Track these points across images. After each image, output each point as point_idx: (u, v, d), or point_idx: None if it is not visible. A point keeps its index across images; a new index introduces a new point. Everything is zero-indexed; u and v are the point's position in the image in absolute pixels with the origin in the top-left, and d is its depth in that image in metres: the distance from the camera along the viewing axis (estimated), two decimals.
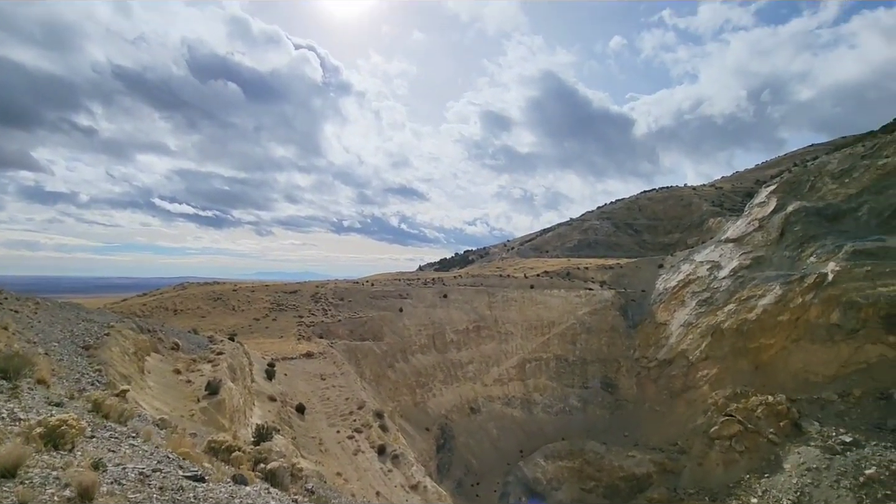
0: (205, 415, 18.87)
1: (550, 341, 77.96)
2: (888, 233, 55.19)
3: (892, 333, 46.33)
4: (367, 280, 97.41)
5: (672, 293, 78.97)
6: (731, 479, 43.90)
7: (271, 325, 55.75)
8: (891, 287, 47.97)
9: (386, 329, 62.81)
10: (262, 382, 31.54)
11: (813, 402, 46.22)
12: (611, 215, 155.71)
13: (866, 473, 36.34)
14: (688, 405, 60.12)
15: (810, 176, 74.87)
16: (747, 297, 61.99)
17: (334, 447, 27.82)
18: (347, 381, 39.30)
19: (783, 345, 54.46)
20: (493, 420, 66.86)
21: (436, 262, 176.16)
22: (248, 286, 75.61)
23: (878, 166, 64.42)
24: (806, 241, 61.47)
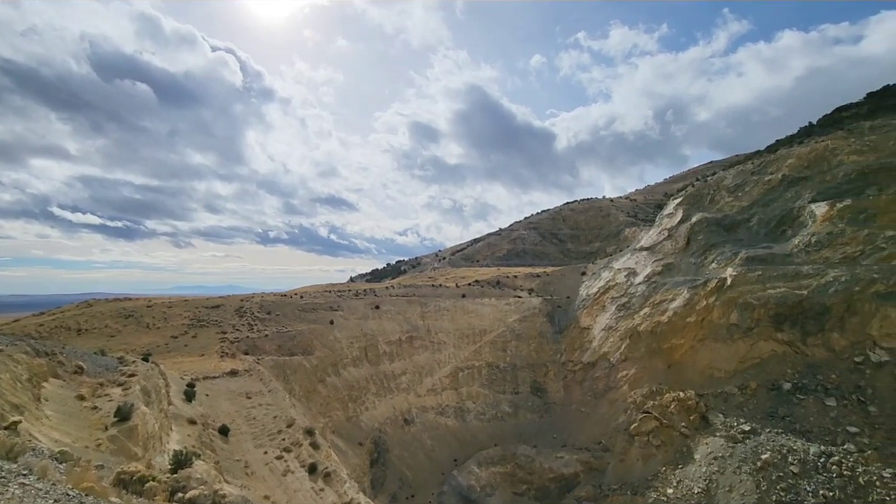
0: (114, 443, 17.26)
1: (482, 349, 79.37)
2: (774, 241, 62.09)
3: (780, 330, 51.97)
4: (295, 292, 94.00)
5: (594, 299, 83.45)
6: (649, 472, 46.83)
7: (191, 342, 52.08)
8: (778, 289, 53.88)
9: (316, 342, 60.88)
10: (180, 405, 29.35)
11: (717, 395, 50.61)
12: (537, 225, 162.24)
13: (763, 458, 40.30)
14: (610, 405, 63.51)
15: (710, 190, 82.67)
16: (660, 301, 66.91)
17: (262, 469, 26.44)
18: (275, 398, 37.56)
19: (691, 344, 59.24)
20: (427, 430, 66.68)
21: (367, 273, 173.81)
22: (164, 301, 70.24)
23: (765, 181, 72.50)
24: (708, 248, 67.61)
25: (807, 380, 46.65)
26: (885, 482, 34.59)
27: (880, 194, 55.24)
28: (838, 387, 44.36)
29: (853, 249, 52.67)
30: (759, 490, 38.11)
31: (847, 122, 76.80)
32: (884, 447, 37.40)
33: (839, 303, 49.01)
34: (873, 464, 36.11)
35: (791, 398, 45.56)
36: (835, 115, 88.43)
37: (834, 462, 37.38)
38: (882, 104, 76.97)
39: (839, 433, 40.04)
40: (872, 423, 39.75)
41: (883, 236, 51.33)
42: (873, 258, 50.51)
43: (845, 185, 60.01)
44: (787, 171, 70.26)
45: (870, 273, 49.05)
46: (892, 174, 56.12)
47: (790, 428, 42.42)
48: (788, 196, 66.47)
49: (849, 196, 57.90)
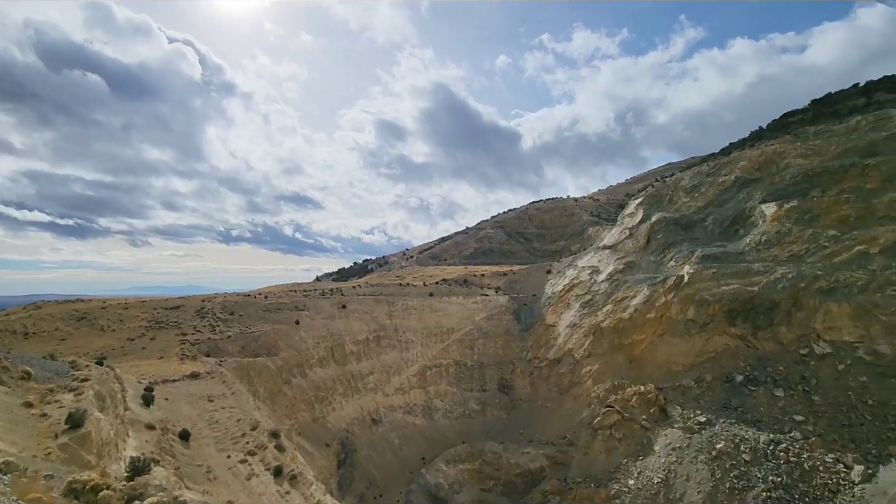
0: (65, 452, 16.47)
1: (450, 347, 79.72)
2: (727, 239, 64.97)
3: (733, 325, 54.45)
4: (259, 292, 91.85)
5: (559, 297, 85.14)
6: (612, 464, 48.25)
7: (149, 344, 50.09)
8: (731, 286, 56.41)
9: (281, 343, 59.69)
10: (137, 410, 28.22)
11: (675, 388, 52.60)
12: (504, 224, 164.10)
13: (717, 448, 42.19)
14: (574, 400, 65.00)
15: (668, 190, 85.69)
16: (622, 299, 68.91)
17: (225, 474, 25.76)
18: (239, 401, 36.64)
19: (651, 339, 61.30)
20: (394, 430, 66.49)
21: (334, 273, 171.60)
22: (120, 302, 67.27)
23: (719, 183, 75.74)
24: (667, 247, 70.08)
25: (757, 372, 49.08)
26: (827, 467, 36.83)
27: (823, 196, 58.62)
28: (786, 378, 46.88)
29: (799, 248, 55.70)
30: (714, 478, 39.89)
31: (793, 126, 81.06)
32: (826, 434, 39.80)
33: (786, 298, 51.75)
34: (817, 450, 38.38)
35: (743, 390, 47.83)
36: (782, 120, 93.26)
37: (781, 449, 39.50)
38: (824, 111, 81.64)
39: (786, 422, 42.33)
40: (816, 412, 42.22)
41: (825, 235, 54.51)
42: (817, 256, 53.57)
43: (792, 187, 63.37)
44: (740, 172, 73.61)
45: (814, 270, 52.01)
46: (833, 177, 59.64)
47: (742, 418, 44.55)
48: (741, 197, 69.67)
49: (795, 197, 61.19)
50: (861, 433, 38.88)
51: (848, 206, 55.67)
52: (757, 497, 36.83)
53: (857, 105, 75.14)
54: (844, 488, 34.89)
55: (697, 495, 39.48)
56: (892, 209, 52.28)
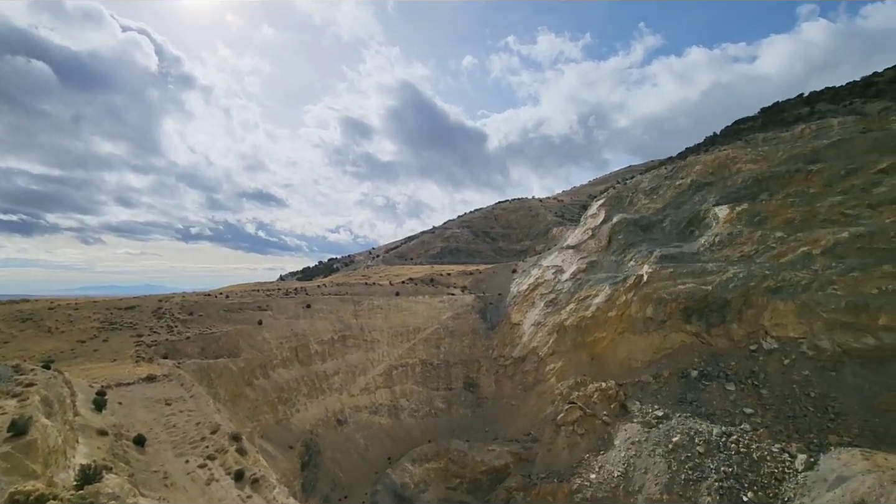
0: (7, 461, 15.56)
1: (416, 346, 79.63)
2: (684, 240, 67.65)
3: (689, 323, 56.73)
4: (220, 292, 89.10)
5: (524, 296, 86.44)
6: (574, 459, 49.38)
7: (102, 347, 47.70)
8: (687, 285, 58.75)
9: (243, 344, 58.10)
10: (89, 415, 26.90)
11: (635, 384, 54.33)
12: (470, 224, 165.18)
13: (673, 441, 43.87)
14: (539, 397, 66.17)
15: (629, 192, 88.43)
16: (584, 297, 70.62)
17: (183, 479, 24.89)
18: (198, 403, 35.44)
19: (612, 337, 63.09)
20: (360, 430, 65.88)
21: (298, 272, 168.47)
22: (70, 303, 63.79)
23: (676, 185, 78.73)
24: (627, 247, 72.31)
25: (711, 367, 51.32)
26: (773, 456, 38.91)
27: (771, 199, 61.90)
28: (737, 373, 49.23)
29: (749, 249, 58.60)
30: (671, 470, 41.46)
31: (745, 133, 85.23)
32: (773, 425, 42.04)
33: (737, 297, 54.32)
34: (764, 440, 40.49)
35: (698, 384, 49.91)
36: (735, 126, 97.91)
37: (732, 441, 41.47)
38: (773, 118, 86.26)
39: (737, 414, 44.47)
40: (764, 405, 44.54)
41: (773, 237, 57.56)
42: (765, 256, 56.50)
43: (743, 191, 66.60)
44: (695, 176, 76.76)
45: (762, 270, 54.81)
46: (781, 181, 63.08)
47: (697, 412, 46.51)
48: (696, 199, 72.67)
49: (746, 200, 64.34)
50: (804, 424, 41.30)
51: (793, 209, 58.98)
52: (710, 487, 38.52)
53: (801, 114, 79.72)
54: (789, 476, 36.96)
55: (655, 487, 40.93)
56: (833, 213, 55.72)
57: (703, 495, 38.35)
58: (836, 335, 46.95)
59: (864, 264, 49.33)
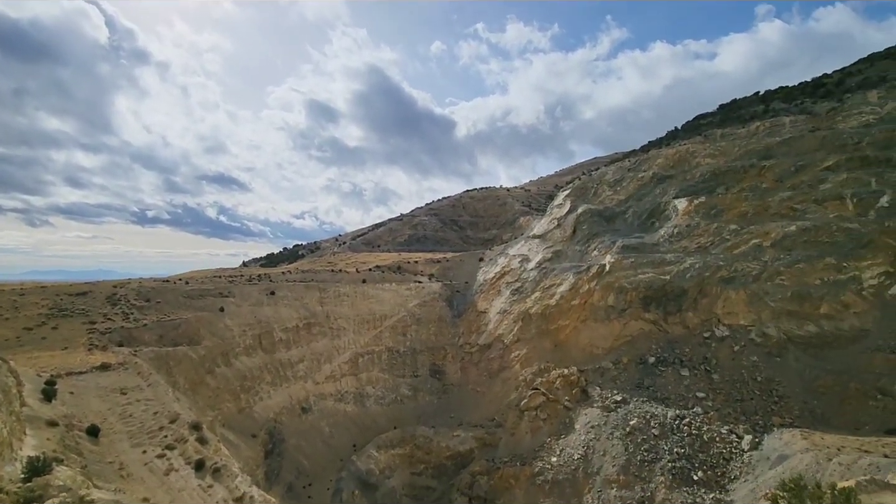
0: None
1: (382, 334, 79.54)
2: (645, 231, 69.90)
3: (648, 311, 58.92)
4: (180, 278, 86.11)
5: (490, 284, 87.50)
6: (537, 443, 50.83)
7: (50, 334, 45.38)
8: (647, 274, 60.89)
9: (204, 331, 56.51)
10: (37, 405, 25.72)
11: (596, 370, 56.20)
12: (438, 212, 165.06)
13: (630, 424, 45.75)
14: (503, 383, 67.49)
15: (594, 183, 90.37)
16: (549, 286, 72.15)
17: (140, 470, 24.23)
18: (156, 392, 34.40)
19: (575, 325, 64.86)
20: (325, 418, 65.53)
21: (262, 258, 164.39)
22: (14, 288, 60.27)
23: (639, 178, 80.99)
24: (591, 237, 74.14)
25: (667, 353, 53.61)
26: (722, 437, 41.21)
27: (727, 193, 64.63)
28: (691, 359, 51.64)
29: (705, 240, 61.15)
30: (628, 452, 43.31)
31: (704, 128, 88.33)
32: (722, 408, 44.45)
33: (693, 286, 56.75)
34: (714, 423, 42.79)
35: (655, 370, 52.10)
36: (695, 121, 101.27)
37: (685, 423, 43.63)
38: (731, 115, 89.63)
39: (690, 398, 46.75)
40: (715, 389, 46.97)
41: (728, 229, 60.24)
42: (720, 248, 59.12)
43: (701, 184, 69.24)
44: (657, 169, 79.17)
45: (717, 261, 57.38)
46: (737, 175, 65.89)
47: (653, 396, 48.61)
48: (657, 192, 75.05)
49: (703, 193, 66.95)
50: (751, 406, 43.85)
51: (747, 203, 61.82)
52: (663, 468, 40.50)
53: (756, 111, 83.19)
54: (736, 456, 39.29)
55: (612, 469, 42.69)
56: (782, 207, 58.75)
57: (656, 475, 40.30)
58: (781, 323, 49.85)
59: (808, 256, 52.39)
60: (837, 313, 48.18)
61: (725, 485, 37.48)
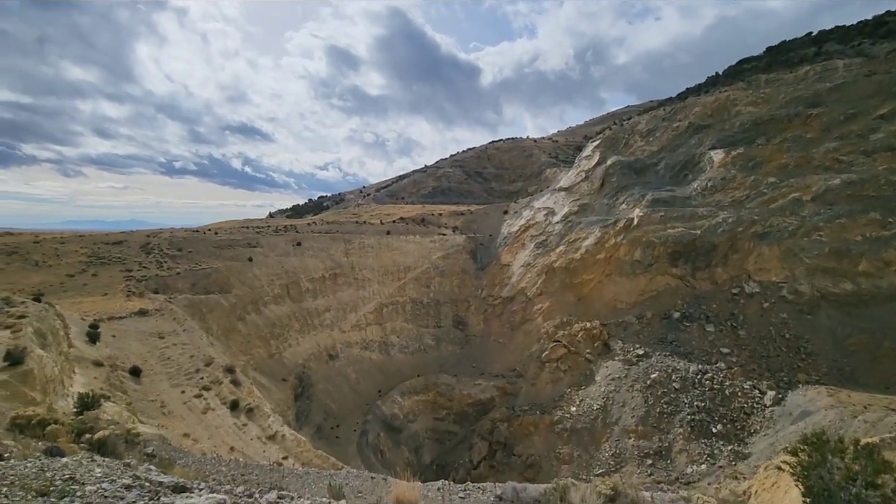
0: (6, 389, 15.91)
1: (406, 285, 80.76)
2: (677, 184, 67.37)
3: (675, 266, 57.75)
4: (209, 228, 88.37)
5: (515, 237, 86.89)
6: (557, 394, 51.83)
7: (91, 281, 47.71)
8: (677, 228, 59.22)
9: (234, 280, 58.44)
10: (83, 347, 27.35)
11: (619, 324, 56.11)
12: (462, 163, 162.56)
13: (652, 377, 45.95)
14: (525, 335, 68.29)
15: (625, 134, 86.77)
16: (574, 240, 71.15)
17: (179, 408, 25.82)
18: (191, 337, 36.12)
19: (599, 279, 64.29)
20: (351, 364, 68.08)
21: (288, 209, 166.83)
22: (55, 237, 63.02)
23: (673, 128, 77.26)
24: (620, 190, 72.02)
25: (693, 309, 52.89)
26: (744, 392, 41.07)
27: (767, 143, 61.18)
28: (717, 315, 50.86)
29: (741, 194, 58.63)
30: (647, 404, 43.76)
31: (747, 73, 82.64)
32: (747, 364, 44.05)
33: (724, 242, 55.04)
34: (737, 378, 42.56)
35: (679, 325, 51.64)
36: (737, 66, 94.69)
37: (708, 378, 43.54)
38: (778, 58, 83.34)
39: (714, 354, 46.40)
40: (741, 345, 46.41)
41: (766, 182, 57.46)
42: (756, 202, 56.68)
43: (740, 134, 65.62)
44: (694, 118, 75.19)
45: (752, 215, 55.19)
46: (779, 125, 62.07)
47: (676, 351, 48.43)
48: (692, 142, 71.65)
49: (742, 144, 63.57)
50: (776, 363, 43.31)
51: (788, 154, 58.51)
52: (682, 420, 40.89)
53: (807, 54, 77.05)
54: (757, 411, 39.24)
55: (631, 419, 43.36)
56: (827, 159, 55.41)
57: (675, 427, 40.78)
58: (816, 280, 48.22)
59: (851, 211, 49.79)
60: (877, 271, 46.19)
61: (744, 438, 37.70)
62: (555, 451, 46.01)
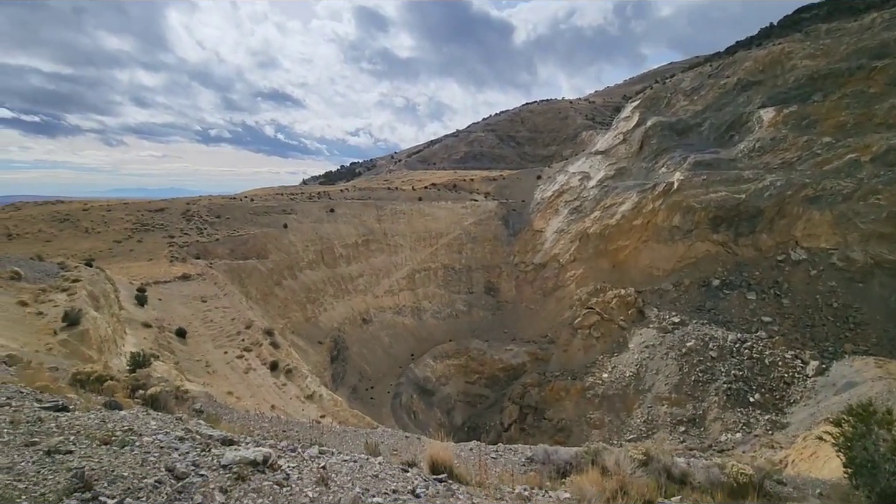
0: (66, 347, 17.06)
1: (438, 251, 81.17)
2: (722, 146, 64.05)
3: (717, 232, 55.63)
4: (245, 195, 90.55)
5: (548, 202, 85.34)
6: (589, 360, 51.80)
7: (137, 247, 50.12)
8: (719, 192, 56.71)
9: (270, 246, 60.13)
10: (132, 309, 28.96)
11: (654, 292, 54.98)
12: (495, 127, 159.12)
13: (687, 346, 45.19)
14: (557, 302, 67.96)
15: (667, 93, 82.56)
16: (610, 205, 69.29)
17: (223, 368, 27.20)
18: (232, 301, 37.66)
19: (635, 245, 62.75)
20: (384, 329, 69.74)
21: (321, 176, 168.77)
22: (102, 204, 66.05)
23: (720, 85, 72.87)
24: (660, 153, 69.10)
25: (734, 277, 51.16)
26: (785, 362, 39.92)
27: (824, 100, 56.98)
28: (760, 282, 49.05)
29: (792, 155, 55.29)
30: (682, 372, 43.23)
31: (805, 23, 76.47)
32: (789, 333, 42.61)
33: (771, 206, 52.43)
34: (779, 347, 41.32)
35: (718, 293, 50.17)
36: (795, 15, 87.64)
37: (746, 347, 42.46)
38: (841, 6, 76.48)
39: (755, 322, 45.03)
40: (784, 314, 44.81)
41: (820, 143, 53.88)
42: (808, 163, 53.41)
43: (794, 91, 61.29)
44: (743, 74, 70.58)
45: (803, 178, 52.14)
46: (839, 80, 57.53)
47: (714, 319, 47.24)
48: (741, 100, 67.51)
49: (795, 102, 59.46)
50: (822, 333, 41.71)
51: (847, 111, 54.43)
52: (718, 388, 40.27)
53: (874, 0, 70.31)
54: (798, 381, 38.17)
55: (664, 386, 43.03)
56: (891, 116, 51.30)
57: (710, 395, 40.25)
58: (870, 246, 45.62)
59: None
60: None
61: (783, 408, 36.91)
62: (585, 417, 46.38)
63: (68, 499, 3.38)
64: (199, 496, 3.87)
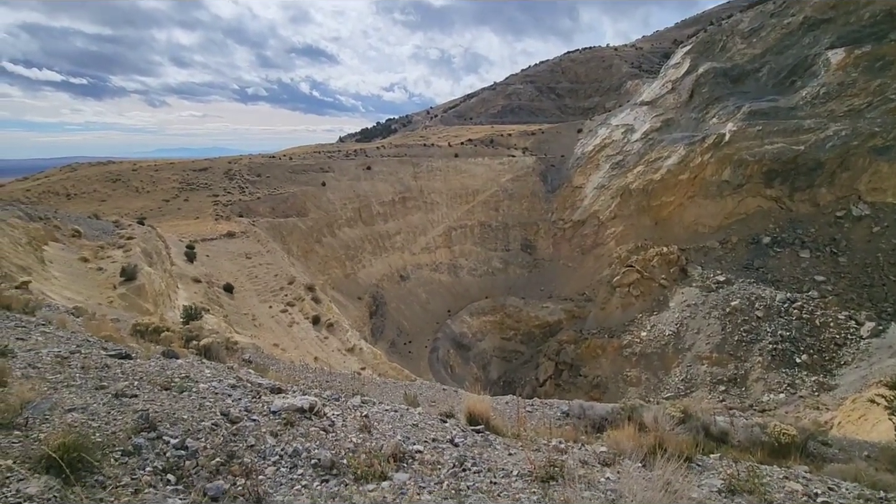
0: (125, 301, 18.26)
1: (475, 209, 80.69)
2: (781, 93, 59.37)
3: (770, 187, 52.57)
4: (284, 154, 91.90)
5: (588, 157, 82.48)
6: (627, 318, 51.17)
7: (184, 205, 52.33)
8: (776, 144, 53.14)
9: (310, 204, 61.39)
10: (182, 265, 30.53)
11: (699, 249, 53.06)
12: (534, 79, 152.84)
13: (732, 305, 43.78)
14: (596, 259, 66.89)
15: (723, 35, 76.35)
16: (655, 159, 66.29)
17: (268, 321, 28.56)
18: (274, 258, 39.06)
19: (680, 201, 60.25)
20: (422, 285, 70.96)
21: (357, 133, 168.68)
22: (149, 165, 68.73)
23: (783, 25, 66.65)
24: (711, 102, 64.85)
25: (786, 234, 48.61)
26: (838, 323, 38.21)
27: None
28: (815, 240, 46.46)
29: (860, 101, 50.75)
30: (724, 332, 42.15)
31: None
32: (844, 293, 40.54)
33: (833, 158, 48.83)
34: (831, 307, 39.48)
35: (768, 251, 47.94)
36: None
37: (796, 307, 40.78)
38: None
39: (806, 282, 43.01)
40: (839, 273, 42.52)
41: (894, 87, 49.09)
42: (879, 110, 48.95)
43: (868, 29, 55.41)
44: (810, 11, 64.14)
45: (872, 126, 47.99)
46: None
47: (762, 278, 45.38)
48: (805, 42, 61.74)
49: (869, 41, 53.88)
50: (880, 293, 39.46)
51: None
52: (763, 349, 39.14)
53: None
54: (850, 342, 36.58)
55: (706, 346, 42.19)
56: None
57: (754, 355, 39.24)
58: None
59: None
60: None
61: (832, 370, 35.64)
62: (622, 374, 46.33)
63: (136, 437, 3.67)
64: (252, 439, 4.14)
